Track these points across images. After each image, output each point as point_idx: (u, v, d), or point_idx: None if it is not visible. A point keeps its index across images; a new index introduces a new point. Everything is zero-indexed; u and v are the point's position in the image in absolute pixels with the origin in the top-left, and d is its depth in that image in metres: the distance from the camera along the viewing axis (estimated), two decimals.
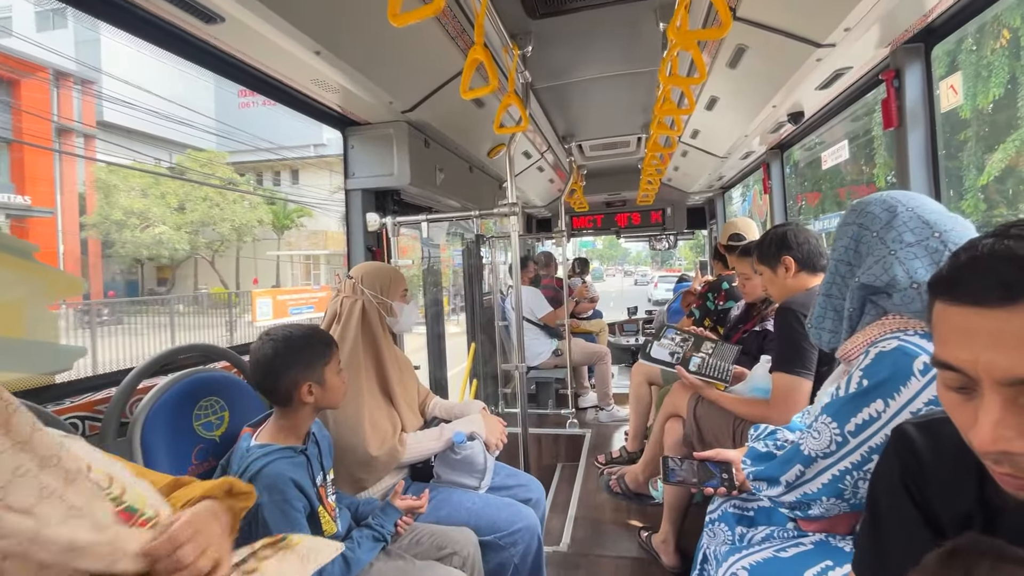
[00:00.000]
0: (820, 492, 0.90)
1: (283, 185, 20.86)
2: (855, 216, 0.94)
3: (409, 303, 1.52)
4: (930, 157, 1.58)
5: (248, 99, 18.00)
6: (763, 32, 1.58)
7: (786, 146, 2.85)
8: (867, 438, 0.82)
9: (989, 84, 5.23)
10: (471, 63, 1.36)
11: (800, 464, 0.92)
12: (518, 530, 1.30)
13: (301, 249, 20.11)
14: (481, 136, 2.55)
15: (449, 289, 8.83)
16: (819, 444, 0.89)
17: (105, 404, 1.07)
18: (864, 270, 0.89)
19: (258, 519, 0.98)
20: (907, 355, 0.81)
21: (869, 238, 0.90)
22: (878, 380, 0.82)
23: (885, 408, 0.81)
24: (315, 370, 1.10)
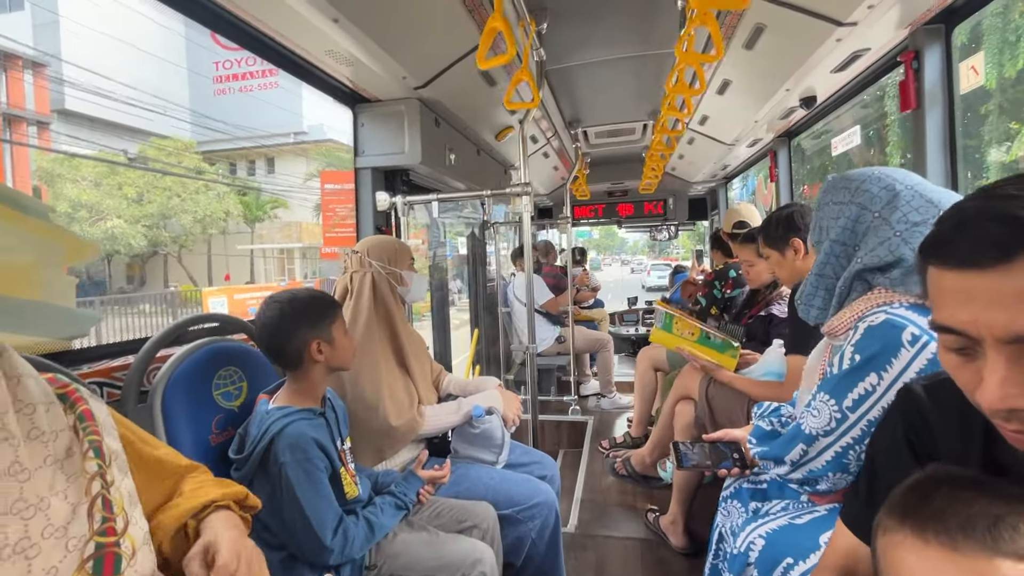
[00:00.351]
0: (825, 468, 0.91)
1: (258, 174, 19.89)
2: (849, 195, 0.93)
3: (417, 272, 1.51)
4: (948, 139, 1.58)
5: (224, 85, 17.25)
6: (783, 10, 1.57)
7: (794, 133, 2.85)
8: (865, 412, 0.84)
9: (1018, 51, 4.99)
10: (489, 31, 1.34)
11: (803, 443, 0.93)
12: (536, 504, 1.30)
13: (274, 242, 18.89)
14: (490, 117, 2.53)
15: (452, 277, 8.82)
16: (819, 422, 0.90)
17: (123, 371, 1.05)
18: (867, 251, 0.89)
19: (281, 480, 0.97)
20: (895, 327, 0.82)
21: (869, 219, 0.90)
22: (870, 354, 0.83)
23: (879, 381, 0.82)
24: (322, 329, 1.09)
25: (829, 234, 0.96)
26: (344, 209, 8.19)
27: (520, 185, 1.92)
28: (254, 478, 1.03)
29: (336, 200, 6.37)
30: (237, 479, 1.05)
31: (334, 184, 6.68)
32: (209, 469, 1.06)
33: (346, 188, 5.70)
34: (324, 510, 0.98)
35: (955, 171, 1.59)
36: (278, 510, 0.99)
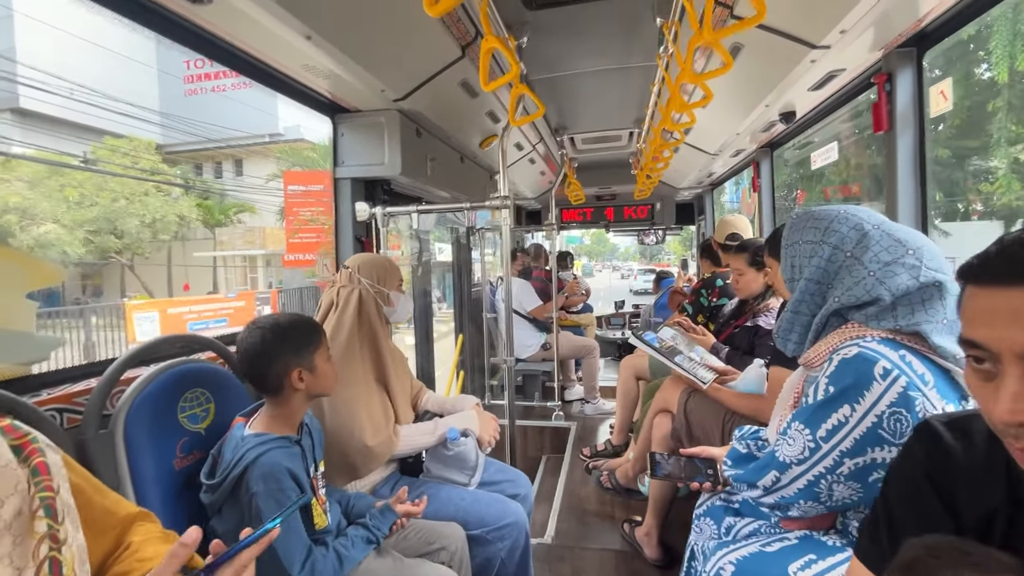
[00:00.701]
0: (797, 496, 0.93)
1: (226, 177, 18.44)
2: (820, 235, 0.97)
3: (404, 293, 1.51)
4: (918, 161, 1.61)
5: (196, 85, 16.63)
6: (760, 32, 1.58)
7: (776, 145, 2.87)
8: (838, 443, 0.85)
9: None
10: (487, 52, 1.33)
11: (775, 470, 0.95)
12: (506, 525, 1.31)
13: (235, 249, 17.41)
14: (473, 126, 2.52)
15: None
16: (793, 451, 0.92)
17: (85, 396, 1.04)
18: (843, 291, 0.92)
19: (252, 510, 0.96)
20: (867, 360, 0.84)
21: (842, 258, 0.93)
22: (843, 386, 0.85)
23: (852, 412, 0.84)
24: (304, 356, 1.09)
25: (803, 272, 0.99)
26: (309, 213, 7.72)
27: (500, 197, 1.92)
28: (224, 504, 1.03)
29: (301, 203, 6.13)
30: (206, 503, 1.05)
31: (299, 185, 6.42)
32: (173, 495, 1.06)
33: (312, 190, 5.52)
34: (293, 543, 0.98)
35: (924, 192, 1.61)
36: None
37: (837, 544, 0.96)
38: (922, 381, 0.82)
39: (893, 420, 0.81)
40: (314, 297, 14.02)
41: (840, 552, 0.94)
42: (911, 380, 0.82)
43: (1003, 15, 5.17)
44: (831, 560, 0.93)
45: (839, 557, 0.93)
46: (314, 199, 5.71)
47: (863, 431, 0.83)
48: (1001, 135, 5.74)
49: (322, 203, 13.98)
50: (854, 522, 0.95)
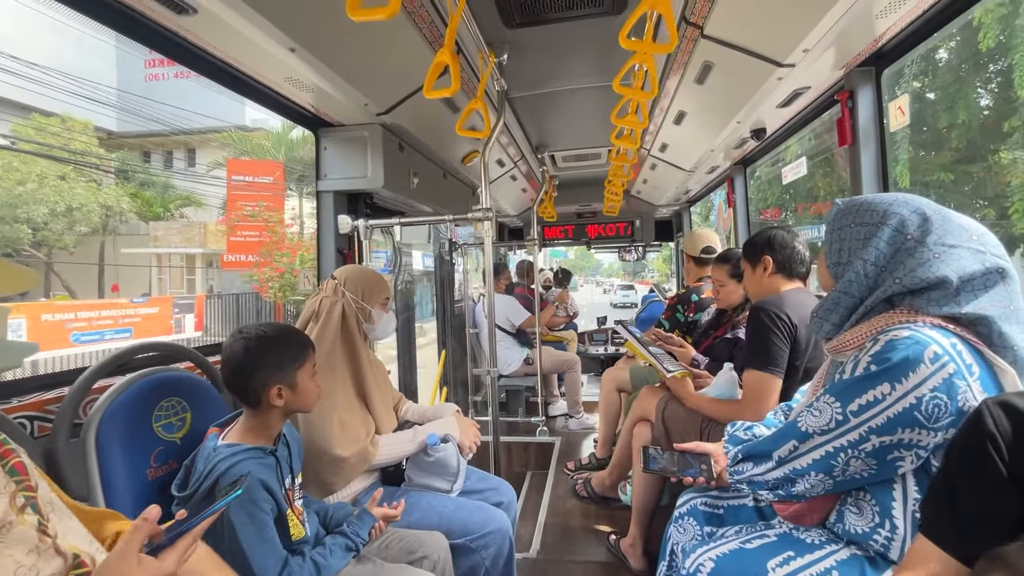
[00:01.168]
0: (809, 467, 0.92)
1: (177, 166, 16.55)
2: (878, 217, 0.94)
3: (388, 312, 1.51)
4: (880, 173, 1.69)
5: (158, 70, 15.41)
6: (728, 50, 1.66)
7: (749, 161, 2.98)
8: (869, 418, 0.84)
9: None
10: (436, 65, 1.37)
11: (795, 439, 0.94)
12: (489, 533, 1.30)
13: (172, 246, 14.93)
14: (456, 142, 2.56)
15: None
16: (819, 421, 0.90)
17: (56, 404, 1.02)
18: (906, 272, 0.89)
19: (223, 521, 0.94)
20: (919, 343, 0.82)
21: (902, 240, 0.91)
22: (887, 365, 0.83)
23: (891, 391, 0.82)
24: (287, 372, 1.07)
25: (860, 255, 0.95)
26: (250, 208, 6.75)
27: (482, 210, 1.94)
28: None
29: (245, 196, 5.59)
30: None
31: (244, 176, 5.85)
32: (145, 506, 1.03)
33: (260, 182, 5.10)
34: (266, 555, 0.95)
35: None
36: (218, 551, 0.96)
37: (816, 542, 0.97)
38: (969, 371, 0.81)
39: (932, 404, 0.80)
40: (254, 305, 12.99)
41: (819, 549, 0.95)
42: (959, 368, 0.81)
43: None
44: (809, 557, 0.94)
45: (817, 554, 0.94)
46: (261, 192, 5.30)
47: (899, 410, 0.82)
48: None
49: (270, 197, 13.15)
50: (852, 509, 0.94)
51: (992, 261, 0.86)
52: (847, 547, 0.94)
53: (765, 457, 0.99)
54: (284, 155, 14.91)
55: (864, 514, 0.92)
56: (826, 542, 0.97)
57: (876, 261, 0.92)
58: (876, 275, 0.93)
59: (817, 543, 0.97)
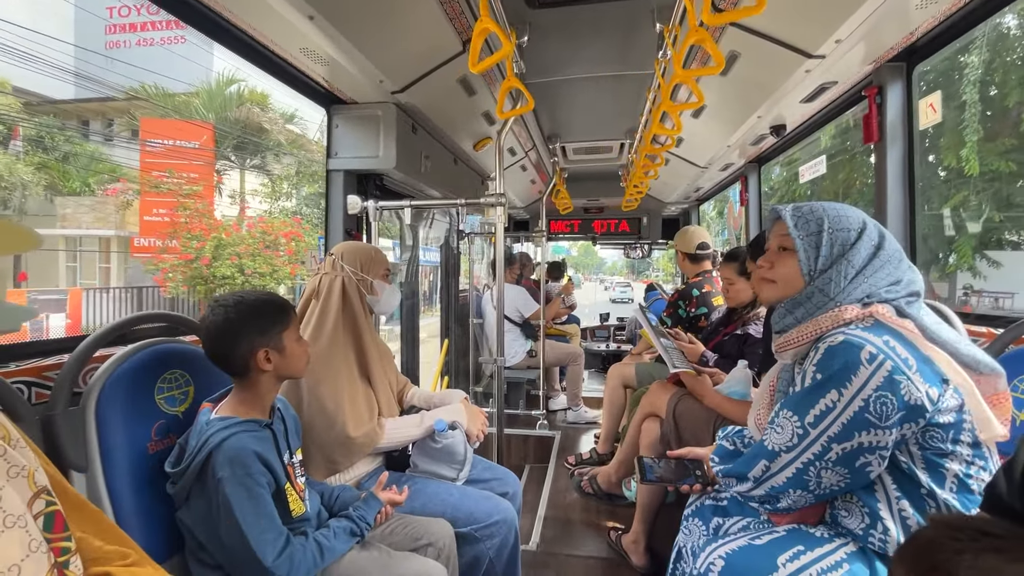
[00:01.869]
0: (786, 485, 0.93)
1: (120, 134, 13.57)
2: (859, 226, 0.98)
3: (391, 284, 1.47)
4: (907, 172, 1.65)
5: (119, 36, 13.72)
6: (757, 39, 1.62)
7: (764, 160, 2.93)
8: (826, 428, 0.87)
9: None
10: (480, 32, 1.32)
11: (765, 459, 0.96)
12: (495, 523, 1.26)
13: (80, 227, 12.37)
14: (469, 126, 2.52)
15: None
16: (782, 438, 0.93)
17: (55, 371, 0.98)
18: (882, 277, 0.95)
19: (219, 496, 0.90)
20: (853, 346, 0.86)
21: (876, 251, 0.97)
22: (830, 372, 0.87)
23: (840, 397, 0.86)
24: (271, 335, 1.03)
25: (845, 259, 0.97)
26: (177, 182, 5.37)
27: (495, 195, 1.90)
28: (190, 493, 0.97)
29: (162, 164, 4.49)
30: (172, 493, 0.99)
31: (162, 139, 4.75)
32: (146, 480, 1.00)
33: (183, 147, 4.16)
34: (264, 529, 0.92)
35: (912, 202, 1.65)
36: (215, 529, 0.92)
37: (825, 536, 0.97)
38: (906, 365, 0.84)
39: (879, 404, 0.83)
40: (156, 300, 10.71)
41: (828, 543, 0.95)
42: (896, 364, 0.84)
43: None
44: (819, 551, 0.93)
45: (827, 548, 0.94)
46: (180, 157, 4.41)
47: (850, 415, 0.85)
48: None
49: (196, 168, 10.04)
50: (842, 512, 0.96)
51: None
52: (855, 541, 0.94)
53: (742, 478, 1.01)
54: (216, 115, 12.54)
55: (853, 515, 0.94)
56: (833, 536, 0.97)
57: (859, 266, 0.97)
58: (854, 278, 0.97)
59: (826, 536, 0.97)
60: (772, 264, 1.06)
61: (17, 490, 0.55)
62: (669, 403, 1.81)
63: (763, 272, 1.09)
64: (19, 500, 0.55)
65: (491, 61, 1.38)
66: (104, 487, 0.93)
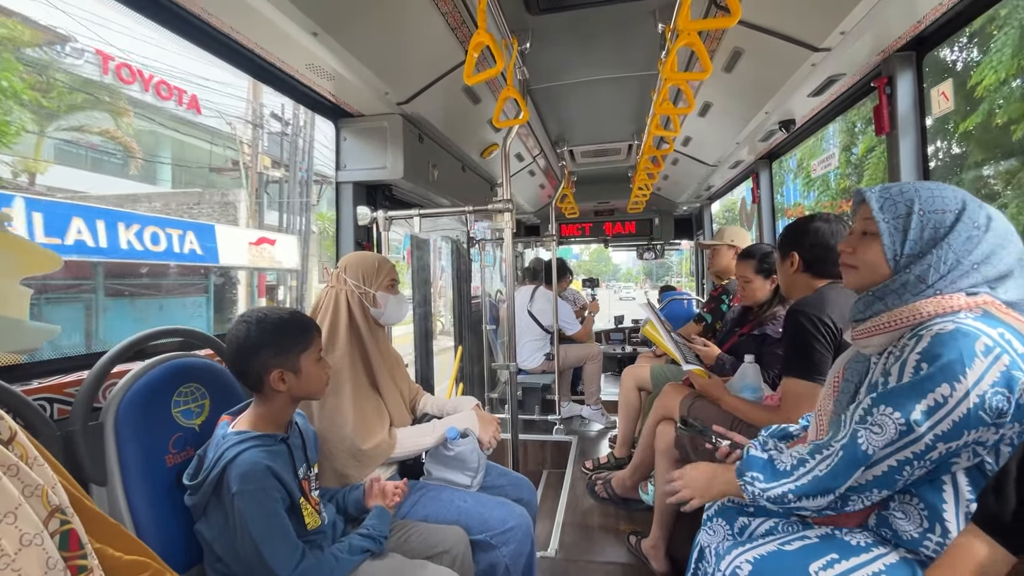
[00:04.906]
0: (870, 485, 0.84)
1: None
2: (957, 206, 0.89)
3: (397, 294, 1.46)
4: (920, 162, 1.61)
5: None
6: (761, 35, 1.60)
7: (775, 155, 2.90)
8: (934, 424, 0.78)
9: None
10: (476, 45, 1.34)
11: (862, 466, 0.84)
12: (510, 529, 1.26)
13: None
14: (475, 134, 2.54)
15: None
16: (882, 438, 0.82)
17: (76, 387, 1.00)
18: (984, 263, 0.86)
19: (234, 510, 0.92)
20: (968, 336, 0.78)
21: (976, 233, 0.87)
22: (940, 364, 0.78)
23: (952, 392, 0.76)
24: (288, 356, 1.04)
25: (944, 244, 0.88)
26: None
27: (502, 201, 1.91)
28: (208, 506, 0.98)
29: None
30: (191, 506, 1.00)
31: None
32: (164, 493, 1.02)
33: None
34: (278, 543, 0.92)
35: None
36: (232, 542, 0.94)
37: (862, 543, 0.91)
38: (1023, 360, 0.76)
39: (996, 401, 0.75)
40: None
41: (864, 552, 0.89)
42: (1013, 359, 0.76)
43: None
44: (855, 560, 0.87)
45: (863, 557, 0.88)
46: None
47: (964, 412, 0.76)
48: None
49: None
50: (897, 514, 0.88)
51: None
52: (896, 550, 0.88)
53: (828, 492, 0.89)
54: None
55: (911, 518, 0.87)
56: (872, 544, 0.90)
57: (962, 252, 0.86)
58: (955, 264, 0.87)
59: (863, 545, 0.90)
60: (854, 249, 0.98)
61: (34, 509, 0.57)
62: (683, 405, 1.79)
63: (845, 258, 1.01)
64: (36, 518, 0.56)
65: (485, 76, 1.39)
66: (123, 500, 0.95)
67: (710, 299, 2.76)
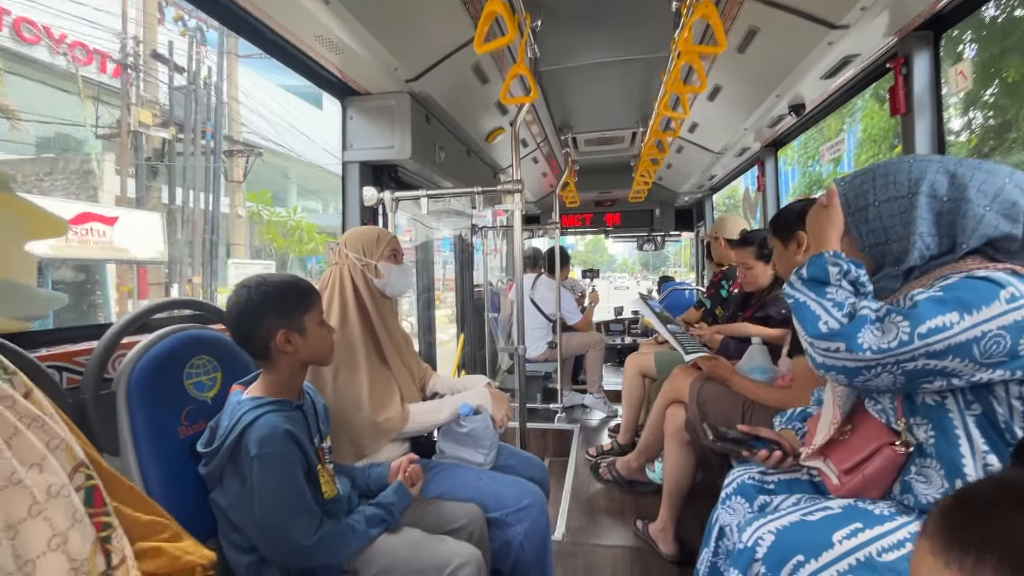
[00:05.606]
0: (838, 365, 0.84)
1: None
2: (908, 188, 0.90)
3: (400, 264, 1.43)
4: (937, 142, 1.60)
5: None
6: (777, 12, 1.58)
7: (780, 143, 2.88)
8: (930, 343, 0.78)
9: None
10: (488, 15, 1.31)
11: (844, 343, 0.83)
12: (525, 507, 1.24)
13: None
14: (481, 117, 2.50)
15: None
16: (880, 340, 0.81)
17: (86, 356, 0.98)
18: (970, 235, 0.86)
19: (253, 475, 0.90)
20: (996, 283, 0.79)
21: (946, 204, 0.88)
22: (958, 295, 0.79)
23: (959, 320, 0.77)
24: (292, 317, 1.02)
25: (911, 231, 0.89)
26: None
27: (512, 182, 1.88)
28: (223, 473, 0.96)
29: None
30: (205, 475, 0.98)
31: None
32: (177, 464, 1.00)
33: None
34: (298, 508, 0.91)
35: None
36: (248, 508, 0.92)
37: (885, 512, 0.90)
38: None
39: (992, 342, 0.76)
40: None
41: (889, 521, 0.88)
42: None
43: None
44: (879, 529, 0.87)
45: (888, 526, 0.87)
46: None
47: (961, 340, 0.77)
48: None
49: None
50: (919, 479, 0.88)
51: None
52: (920, 518, 0.88)
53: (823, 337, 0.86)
54: None
55: (932, 481, 0.87)
56: (896, 513, 0.90)
57: (932, 231, 0.89)
58: (939, 241, 0.89)
59: (887, 514, 0.90)
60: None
61: (58, 461, 0.55)
62: (692, 388, 1.78)
63: None
64: (61, 471, 0.54)
65: (497, 44, 1.36)
66: (136, 470, 0.92)
67: (710, 285, 2.76)
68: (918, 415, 0.89)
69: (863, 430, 1.01)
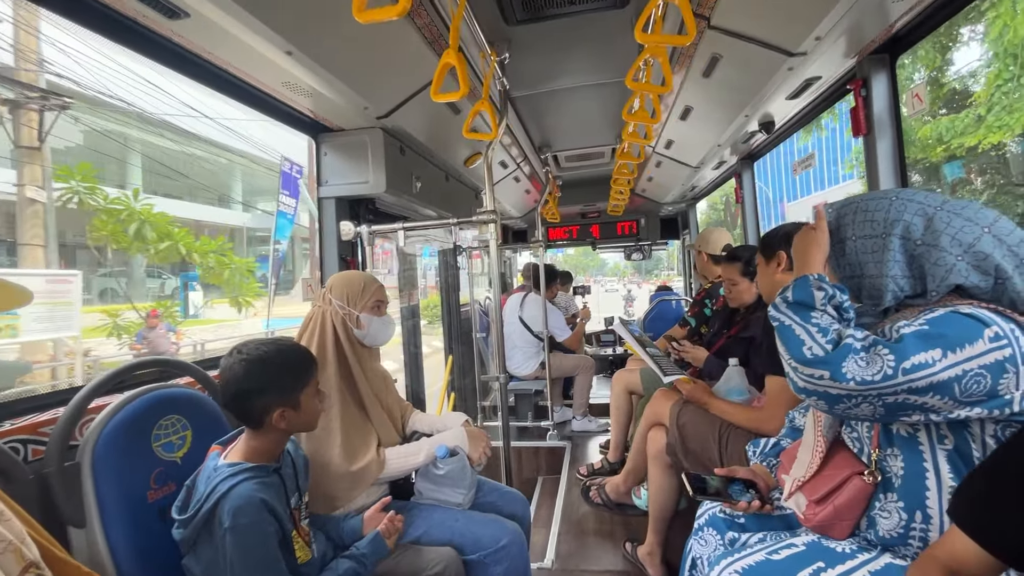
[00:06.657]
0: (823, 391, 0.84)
1: None
2: (883, 228, 0.91)
3: (382, 316, 1.44)
4: (898, 162, 1.63)
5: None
6: (737, 41, 1.61)
7: (756, 156, 2.92)
8: (914, 379, 0.77)
9: None
10: (443, 67, 1.33)
11: (828, 371, 0.82)
12: (503, 547, 1.25)
13: None
14: (458, 144, 2.52)
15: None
16: (865, 371, 0.80)
17: (51, 426, 0.98)
18: (938, 282, 0.87)
19: (225, 546, 0.90)
20: (981, 321, 0.79)
21: (919, 248, 0.88)
22: (942, 331, 0.79)
23: (942, 358, 0.77)
24: (290, 396, 1.02)
25: (883, 272, 0.91)
26: None
27: (486, 212, 1.90)
28: (197, 540, 0.96)
29: None
30: (179, 540, 0.98)
31: None
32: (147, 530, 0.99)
33: None
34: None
35: None
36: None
37: (848, 551, 0.92)
38: (1022, 359, 0.77)
39: (973, 381, 0.76)
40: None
41: (850, 559, 0.90)
42: (1015, 354, 0.77)
43: None
44: (840, 568, 0.89)
45: (849, 564, 0.89)
46: None
47: (943, 378, 0.76)
48: None
49: None
50: (881, 514, 0.91)
51: (1017, 252, 0.84)
52: (883, 554, 0.90)
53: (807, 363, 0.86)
54: None
55: (892, 515, 0.89)
56: (858, 550, 0.92)
57: (905, 273, 0.90)
58: (912, 284, 0.90)
59: (849, 552, 0.92)
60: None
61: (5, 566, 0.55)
62: (672, 411, 1.79)
63: None
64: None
65: (450, 97, 1.38)
66: (103, 541, 0.92)
67: (694, 303, 2.77)
68: (894, 445, 0.90)
69: (835, 460, 1.02)
